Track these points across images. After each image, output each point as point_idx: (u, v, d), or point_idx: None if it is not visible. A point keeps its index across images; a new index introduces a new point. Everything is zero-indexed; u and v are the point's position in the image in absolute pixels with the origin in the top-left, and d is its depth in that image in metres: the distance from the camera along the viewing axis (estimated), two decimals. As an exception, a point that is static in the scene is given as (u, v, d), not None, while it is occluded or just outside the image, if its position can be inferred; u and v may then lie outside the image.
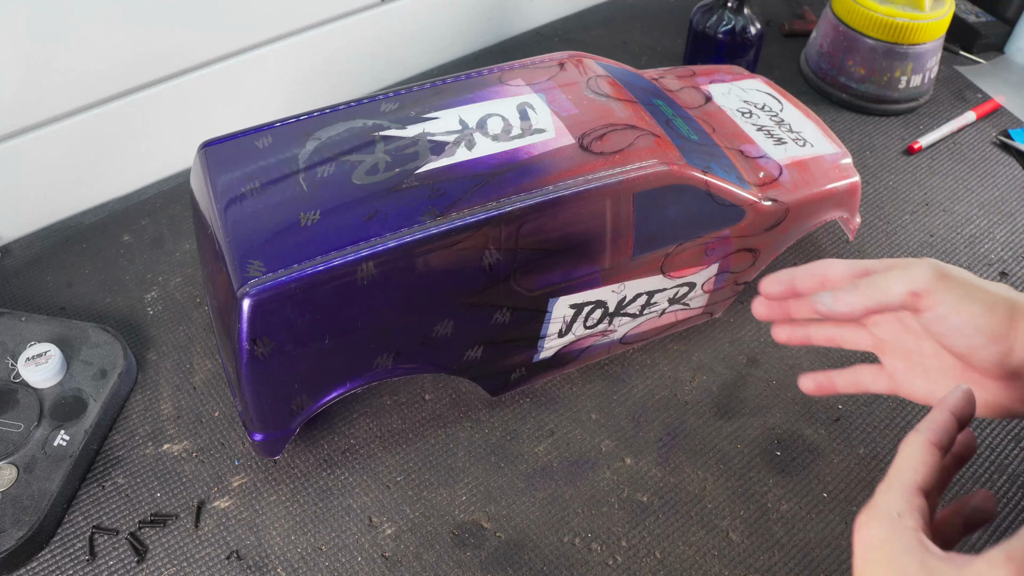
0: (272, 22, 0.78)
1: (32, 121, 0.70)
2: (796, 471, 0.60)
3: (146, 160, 0.79)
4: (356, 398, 0.63)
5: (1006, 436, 0.62)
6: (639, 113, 0.61)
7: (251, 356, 0.50)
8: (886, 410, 0.64)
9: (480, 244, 0.53)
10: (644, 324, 0.64)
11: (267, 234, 0.51)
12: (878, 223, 0.78)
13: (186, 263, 0.73)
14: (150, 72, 0.74)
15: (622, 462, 0.60)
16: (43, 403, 0.60)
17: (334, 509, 0.57)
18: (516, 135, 0.57)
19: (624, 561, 0.55)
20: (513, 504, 0.58)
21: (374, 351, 0.54)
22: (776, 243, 0.66)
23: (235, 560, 0.55)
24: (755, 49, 0.85)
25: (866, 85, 0.87)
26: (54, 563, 0.54)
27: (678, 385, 0.65)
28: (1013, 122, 0.89)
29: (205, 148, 0.57)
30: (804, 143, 0.69)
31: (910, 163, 0.84)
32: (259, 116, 0.64)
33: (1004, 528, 0.57)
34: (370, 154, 0.56)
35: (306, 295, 0.49)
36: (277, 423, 0.55)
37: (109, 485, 0.58)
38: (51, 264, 0.73)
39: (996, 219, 0.78)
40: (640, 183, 0.56)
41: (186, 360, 0.66)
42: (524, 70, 0.64)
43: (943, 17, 0.83)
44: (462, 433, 0.62)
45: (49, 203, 0.76)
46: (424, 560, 0.55)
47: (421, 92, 0.61)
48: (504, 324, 0.57)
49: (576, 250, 0.56)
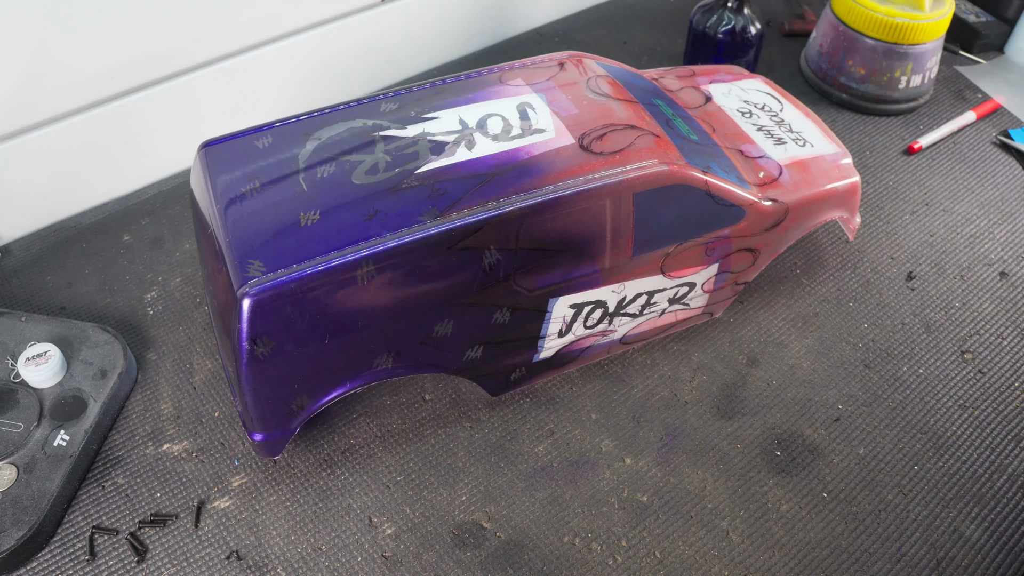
0: (272, 22, 0.78)
1: (32, 121, 0.70)
2: (796, 471, 0.60)
3: (146, 160, 0.79)
4: (356, 398, 0.63)
5: (1006, 436, 0.62)
6: (639, 113, 0.61)
7: (251, 356, 0.50)
8: (886, 410, 0.64)
9: (480, 244, 0.53)
10: (644, 324, 0.64)
11: (267, 234, 0.51)
12: (878, 223, 0.78)
13: (186, 263, 0.73)
14: (150, 72, 0.74)
15: (622, 462, 0.60)
16: (43, 403, 0.60)
17: (334, 509, 0.57)
18: (516, 135, 0.57)
19: (624, 561, 0.55)
20: (513, 504, 0.58)
21: (374, 351, 0.54)
22: (776, 243, 0.66)
23: (235, 560, 0.55)
24: (755, 49, 0.85)
25: (866, 85, 0.87)
26: (54, 563, 0.54)
27: (678, 385, 0.65)
28: (1013, 122, 0.89)
29: (205, 148, 0.57)
30: (804, 143, 0.69)
31: (910, 163, 0.84)
32: (259, 116, 0.65)
33: (1004, 528, 0.57)
34: (370, 154, 0.56)
35: (306, 295, 0.49)
36: (277, 423, 0.55)
37: (109, 485, 0.58)
38: (51, 264, 0.73)
39: (996, 219, 0.78)
40: (640, 183, 0.56)
41: (186, 360, 0.66)
42: (524, 70, 0.64)
43: (943, 17, 0.83)
44: (462, 433, 0.62)
45: (49, 203, 0.76)
46: (424, 560, 0.55)
47: (421, 92, 0.61)
48: (504, 324, 0.57)
49: (576, 250, 0.56)
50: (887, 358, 0.67)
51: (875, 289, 0.72)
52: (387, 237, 0.51)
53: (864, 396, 0.64)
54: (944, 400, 0.64)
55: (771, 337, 0.68)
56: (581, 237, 0.56)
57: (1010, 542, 0.57)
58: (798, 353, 0.67)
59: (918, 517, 0.58)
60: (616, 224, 0.56)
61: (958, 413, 0.64)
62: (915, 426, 0.63)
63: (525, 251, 0.54)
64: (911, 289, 0.72)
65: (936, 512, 0.58)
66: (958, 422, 0.63)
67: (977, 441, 0.62)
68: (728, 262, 0.64)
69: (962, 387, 0.65)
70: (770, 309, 0.70)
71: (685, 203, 0.58)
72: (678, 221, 0.59)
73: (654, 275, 0.61)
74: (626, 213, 0.56)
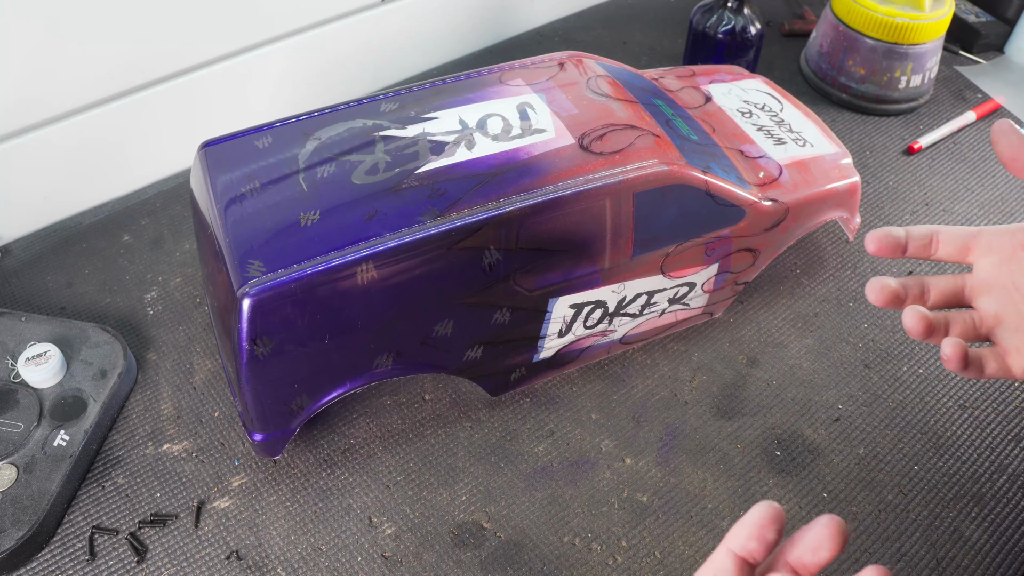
0: (272, 22, 0.78)
1: (32, 121, 0.70)
2: (796, 471, 0.60)
3: (146, 160, 0.79)
4: (356, 398, 0.63)
5: (1006, 436, 0.62)
6: (639, 113, 0.61)
7: (251, 356, 0.50)
8: (886, 410, 0.64)
9: (480, 244, 0.53)
10: (644, 324, 0.64)
11: (267, 234, 0.51)
12: (878, 223, 0.78)
13: (186, 263, 0.73)
14: (150, 72, 0.74)
15: (622, 462, 0.60)
16: (43, 403, 0.60)
17: (334, 509, 0.57)
18: (516, 135, 0.57)
19: (624, 561, 0.55)
20: (513, 504, 0.58)
21: (374, 351, 0.54)
22: (776, 243, 0.66)
23: (235, 560, 0.55)
24: (755, 49, 0.85)
25: (866, 85, 0.87)
26: (54, 563, 0.54)
27: (678, 385, 0.65)
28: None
29: (205, 148, 0.57)
30: (804, 143, 0.69)
31: (910, 163, 0.84)
32: (259, 116, 0.65)
33: (1004, 528, 0.57)
34: (370, 154, 0.56)
35: (306, 295, 0.49)
36: (277, 423, 0.55)
37: (109, 485, 0.58)
38: (51, 264, 0.73)
39: (996, 219, 0.78)
40: (640, 183, 0.56)
41: (186, 360, 0.66)
42: (524, 70, 0.64)
43: (943, 17, 0.83)
44: (462, 433, 0.62)
45: (49, 203, 0.76)
46: (424, 560, 0.55)
47: (421, 92, 0.61)
48: (504, 324, 0.57)
49: (576, 250, 0.56)
50: (887, 358, 0.67)
51: (875, 289, 0.72)
52: (387, 237, 0.51)
53: (864, 396, 0.64)
54: (944, 400, 0.64)
55: (771, 337, 0.68)
56: (581, 237, 0.56)
57: (1010, 542, 0.57)
58: (798, 353, 0.67)
59: (918, 517, 0.58)
60: (616, 224, 0.56)
61: (958, 413, 0.64)
62: (915, 426, 0.63)
63: (525, 251, 0.54)
64: (911, 289, 0.72)
65: (936, 512, 0.58)
66: (958, 422, 0.63)
67: (977, 441, 0.62)
68: (728, 262, 0.64)
69: (962, 387, 0.65)
70: (770, 309, 0.70)
71: (685, 203, 0.58)
72: (678, 221, 0.59)
73: (654, 275, 0.61)
74: (626, 213, 0.56)
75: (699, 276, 0.63)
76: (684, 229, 0.60)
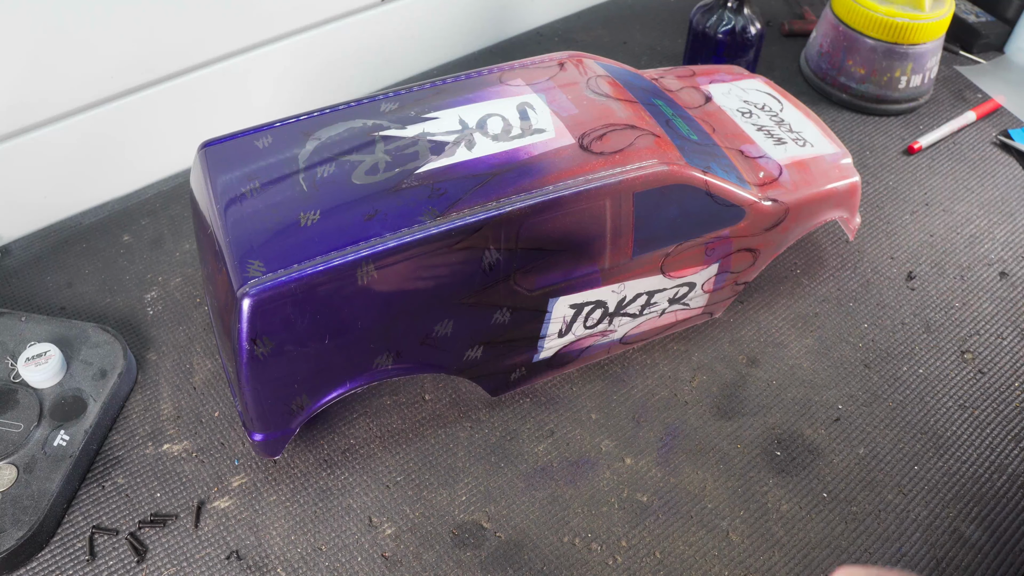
0: (272, 22, 0.78)
1: (32, 121, 0.70)
2: (796, 471, 0.60)
3: (146, 160, 0.79)
4: (356, 398, 0.63)
5: (1006, 436, 0.62)
6: (639, 113, 0.61)
7: (251, 356, 0.50)
8: (886, 410, 0.64)
9: (480, 244, 0.53)
10: (644, 324, 0.64)
11: (267, 234, 0.51)
12: (878, 223, 0.78)
13: (186, 263, 0.73)
14: (150, 72, 0.74)
15: (622, 462, 0.60)
16: (43, 403, 0.60)
17: (334, 509, 0.57)
18: (516, 135, 0.57)
19: (624, 561, 0.55)
20: (513, 504, 0.58)
21: (374, 351, 0.54)
22: (776, 243, 0.66)
23: (235, 560, 0.55)
24: (755, 49, 0.85)
25: (866, 85, 0.87)
26: (54, 563, 0.54)
27: (678, 385, 0.65)
28: (1013, 122, 0.89)
29: (205, 148, 0.57)
30: (804, 143, 0.69)
31: (910, 163, 0.84)
32: (259, 116, 0.65)
33: (1004, 528, 0.57)
34: (370, 154, 0.56)
35: (306, 295, 0.49)
36: (277, 423, 0.55)
37: (109, 485, 0.58)
38: (51, 264, 0.73)
39: (996, 219, 0.78)
40: (640, 183, 0.56)
41: (186, 360, 0.66)
42: (524, 70, 0.64)
43: (943, 17, 0.83)
44: (462, 433, 0.62)
45: (49, 203, 0.76)
46: (424, 560, 0.55)
47: (421, 92, 0.61)
48: (504, 324, 0.57)
49: (576, 250, 0.56)
50: (887, 358, 0.67)
51: (875, 289, 0.72)
52: (387, 237, 0.51)
53: (864, 396, 0.64)
54: (944, 400, 0.64)
55: (771, 337, 0.68)
56: (581, 237, 0.56)
57: (1010, 542, 0.57)
58: (798, 353, 0.67)
59: (918, 517, 0.58)
60: (616, 224, 0.56)
61: (958, 413, 0.64)
62: (915, 426, 0.63)
63: (525, 251, 0.54)
64: (911, 289, 0.72)
65: (936, 512, 0.58)
66: (958, 422, 0.63)
67: (977, 441, 0.62)
68: (728, 262, 0.64)
69: (962, 387, 0.65)
70: (770, 309, 0.70)
71: (685, 203, 0.58)
72: (678, 221, 0.59)
73: (654, 275, 0.61)
74: (626, 213, 0.56)
75: (699, 276, 0.63)
76: (684, 229, 0.60)
